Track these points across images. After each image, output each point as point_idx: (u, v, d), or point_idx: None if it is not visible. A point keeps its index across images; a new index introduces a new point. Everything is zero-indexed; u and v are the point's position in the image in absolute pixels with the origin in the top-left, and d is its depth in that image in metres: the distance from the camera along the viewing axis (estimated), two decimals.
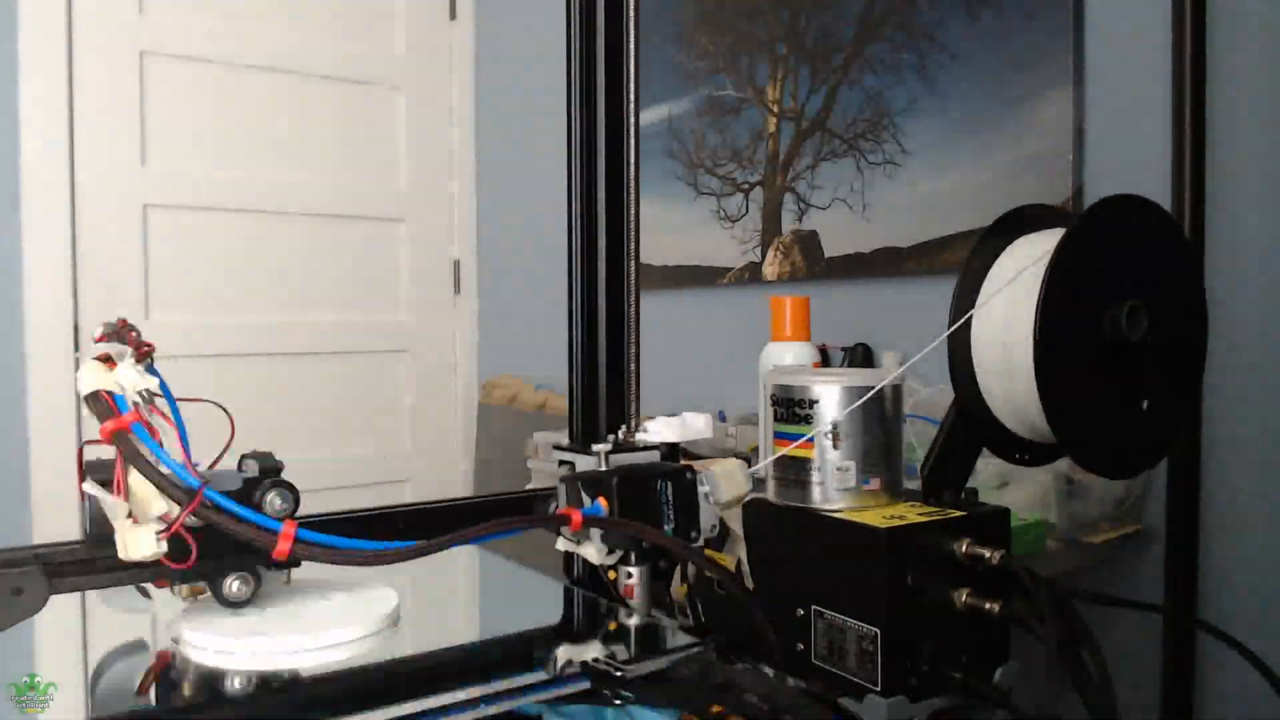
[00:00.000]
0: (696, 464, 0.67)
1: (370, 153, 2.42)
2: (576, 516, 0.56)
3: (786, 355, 1.02)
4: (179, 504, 0.48)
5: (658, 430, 0.66)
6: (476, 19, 2.57)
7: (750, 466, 0.67)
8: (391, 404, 2.45)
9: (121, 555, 0.49)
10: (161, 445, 0.49)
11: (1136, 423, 0.64)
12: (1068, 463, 0.62)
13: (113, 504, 0.49)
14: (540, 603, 0.69)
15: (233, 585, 0.54)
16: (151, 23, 2.09)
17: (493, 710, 0.48)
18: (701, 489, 0.65)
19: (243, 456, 0.56)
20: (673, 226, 1.89)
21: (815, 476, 0.64)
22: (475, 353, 2.59)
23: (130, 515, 0.49)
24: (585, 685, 0.51)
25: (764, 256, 1.72)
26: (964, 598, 0.60)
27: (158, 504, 0.49)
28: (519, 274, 2.44)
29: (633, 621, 0.62)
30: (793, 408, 0.64)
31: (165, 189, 2.10)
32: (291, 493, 0.54)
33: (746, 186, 1.76)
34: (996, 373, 0.64)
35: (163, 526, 0.49)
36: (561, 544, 0.63)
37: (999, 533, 0.63)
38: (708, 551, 0.67)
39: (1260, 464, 1.12)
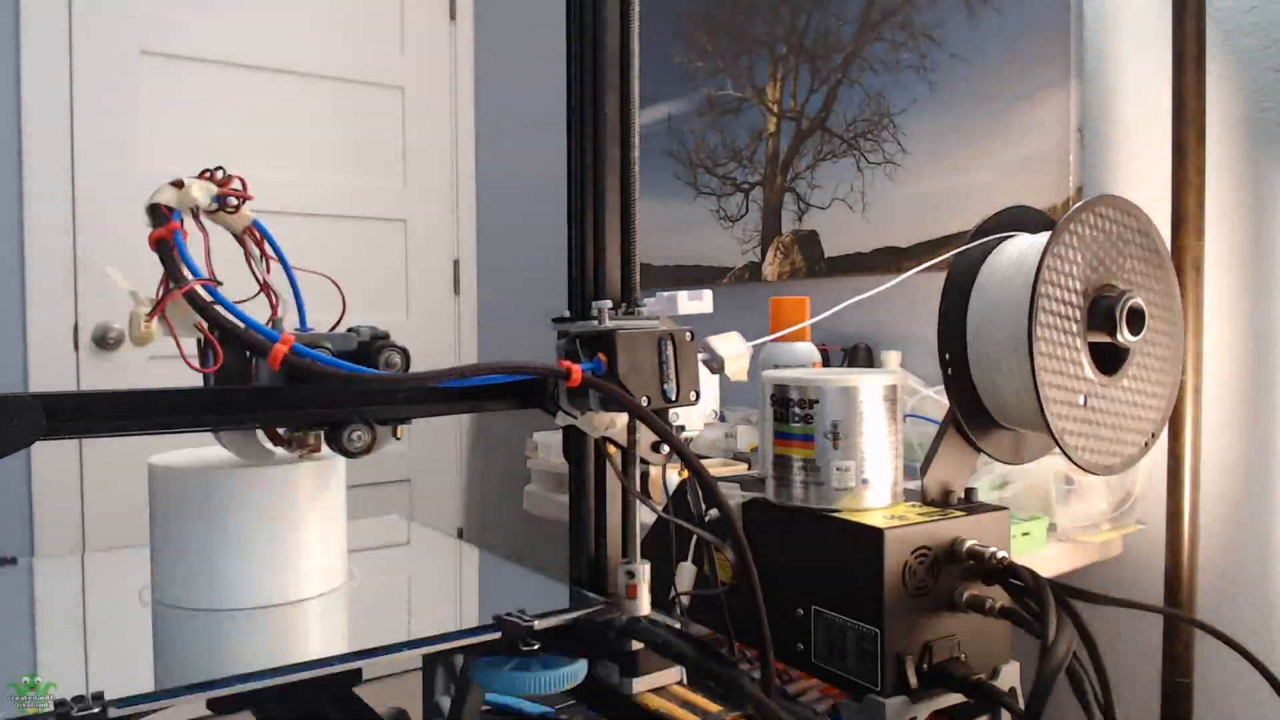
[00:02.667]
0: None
1: (370, 153, 2.42)
2: (577, 371, 0.55)
3: (787, 355, 1.02)
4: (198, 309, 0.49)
5: (657, 306, 0.64)
6: (476, 19, 2.57)
7: (750, 467, 0.67)
8: None
9: (135, 345, 0.51)
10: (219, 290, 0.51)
11: (1126, 417, 0.64)
12: (1068, 463, 0.62)
13: (130, 291, 0.51)
14: (540, 603, 0.69)
15: (353, 435, 0.57)
16: (151, 22, 2.09)
17: (415, 653, 0.54)
18: (700, 356, 0.63)
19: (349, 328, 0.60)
20: (673, 226, 1.89)
21: (815, 476, 0.64)
22: (475, 352, 2.59)
23: (150, 314, 0.51)
24: (495, 635, 0.55)
25: (764, 256, 1.72)
26: (964, 597, 0.60)
27: (195, 314, 0.51)
28: (519, 274, 2.44)
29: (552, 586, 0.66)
30: (792, 408, 0.64)
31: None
32: (403, 356, 0.58)
33: (746, 186, 1.76)
34: (991, 369, 0.64)
35: (198, 334, 0.52)
36: (561, 418, 0.62)
37: (999, 533, 0.63)
38: (718, 556, 0.67)
39: (1261, 464, 1.12)
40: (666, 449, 0.61)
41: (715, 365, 0.65)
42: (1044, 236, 0.61)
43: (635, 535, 0.65)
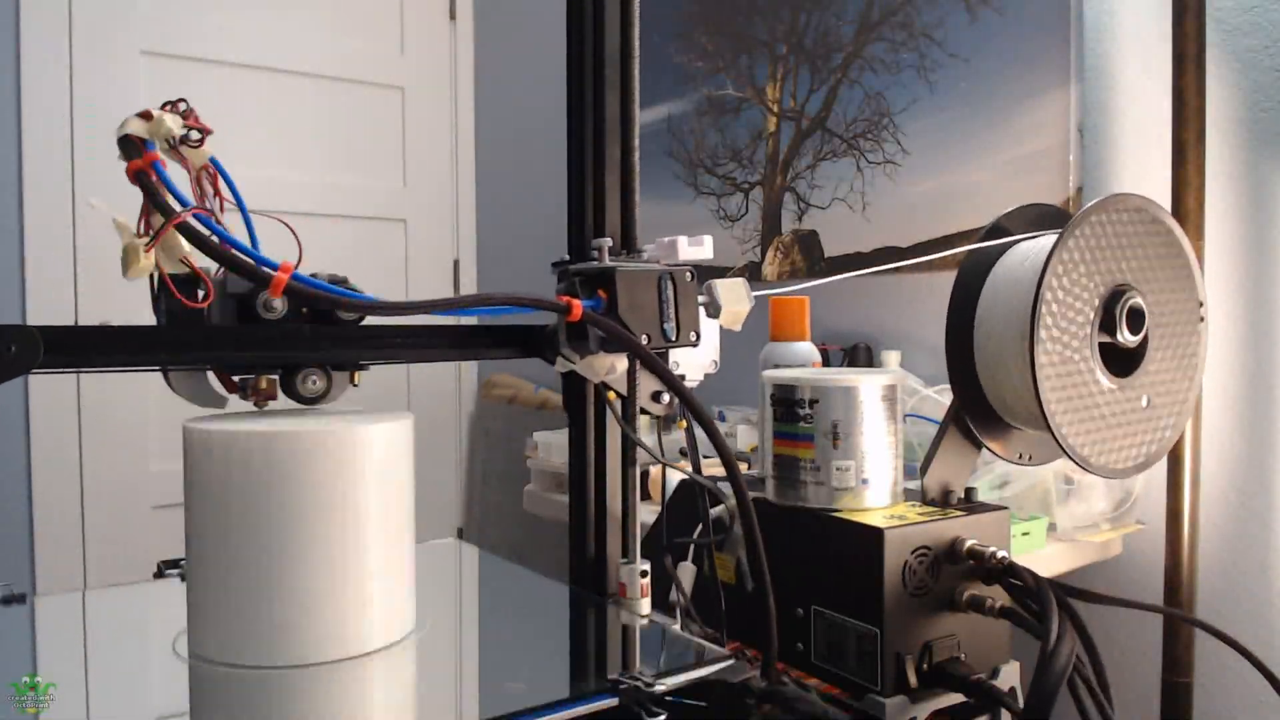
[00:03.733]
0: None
1: (370, 153, 2.42)
2: (577, 306, 0.55)
3: (787, 355, 1.02)
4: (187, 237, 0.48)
5: (657, 252, 0.63)
6: (476, 19, 2.57)
7: (750, 467, 0.67)
8: (391, 404, 2.44)
9: (124, 274, 0.50)
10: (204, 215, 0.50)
11: (1135, 421, 0.64)
12: (1068, 463, 0.61)
13: (123, 224, 0.50)
14: (541, 603, 0.69)
15: (309, 379, 0.55)
16: (151, 22, 2.09)
17: None
18: (700, 299, 0.63)
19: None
20: (673, 226, 1.89)
21: (815, 476, 0.64)
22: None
23: (140, 237, 0.50)
24: (612, 702, 0.47)
25: (764, 256, 1.72)
26: (964, 597, 0.60)
27: (182, 247, 0.50)
28: (519, 274, 2.44)
29: (642, 624, 0.60)
30: (793, 408, 0.64)
31: None
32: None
33: (746, 186, 1.76)
34: (996, 370, 0.64)
35: (186, 270, 0.51)
36: (561, 364, 0.62)
37: (999, 532, 0.63)
38: (718, 556, 0.67)
39: (1261, 464, 1.12)
40: (667, 398, 0.61)
41: (714, 310, 0.64)
42: (1055, 234, 0.61)
43: (635, 535, 0.65)
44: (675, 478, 0.77)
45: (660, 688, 0.48)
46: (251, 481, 0.51)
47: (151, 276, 0.53)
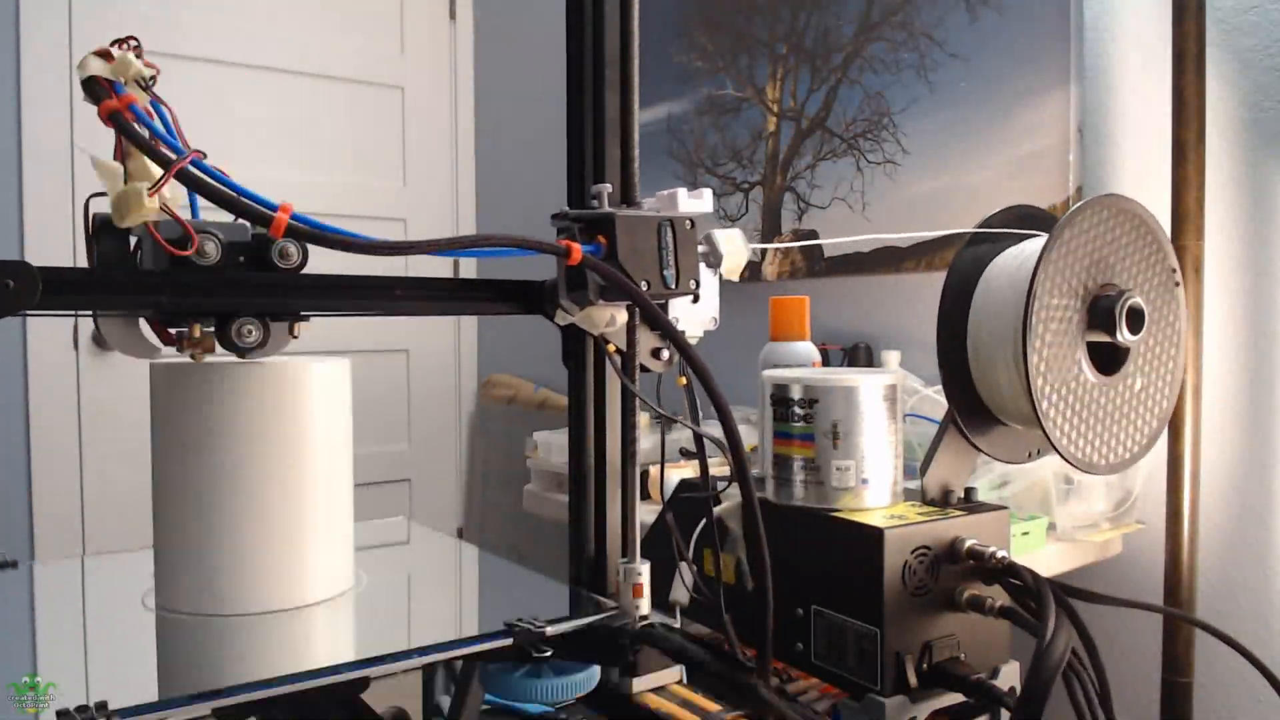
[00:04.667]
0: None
1: (370, 153, 2.42)
2: (576, 250, 0.54)
3: (786, 355, 1.02)
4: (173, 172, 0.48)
5: (656, 204, 0.63)
6: (476, 19, 2.57)
7: (750, 467, 0.67)
8: (391, 403, 2.45)
9: (117, 222, 0.51)
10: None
11: (1121, 418, 0.64)
12: (1067, 461, 0.62)
13: (114, 169, 0.50)
14: (541, 603, 0.69)
15: (244, 329, 0.56)
16: (151, 22, 2.09)
17: (424, 660, 0.54)
18: (699, 249, 0.62)
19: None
20: None
21: (815, 476, 0.64)
22: (475, 353, 2.59)
23: (128, 181, 0.50)
24: (506, 641, 0.54)
25: (764, 256, 1.72)
26: (964, 597, 0.60)
27: (164, 194, 0.50)
28: (519, 274, 2.44)
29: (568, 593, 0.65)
30: (792, 407, 0.64)
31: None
32: (299, 248, 0.56)
33: (746, 186, 1.76)
34: (990, 371, 0.64)
35: (164, 215, 0.51)
36: (560, 317, 0.61)
37: (999, 532, 0.63)
38: (721, 554, 0.67)
39: (1261, 464, 1.12)
40: (667, 355, 0.61)
41: (714, 260, 0.64)
42: (1046, 235, 0.61)
43: (635, 535, 0.65)
44: (675, 477, 0.77)
45: (550, 630, 0.55)
46: (201, 412, 0.58)
47: (88, 229, 0.55)
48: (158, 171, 0.50)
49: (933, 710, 0.59)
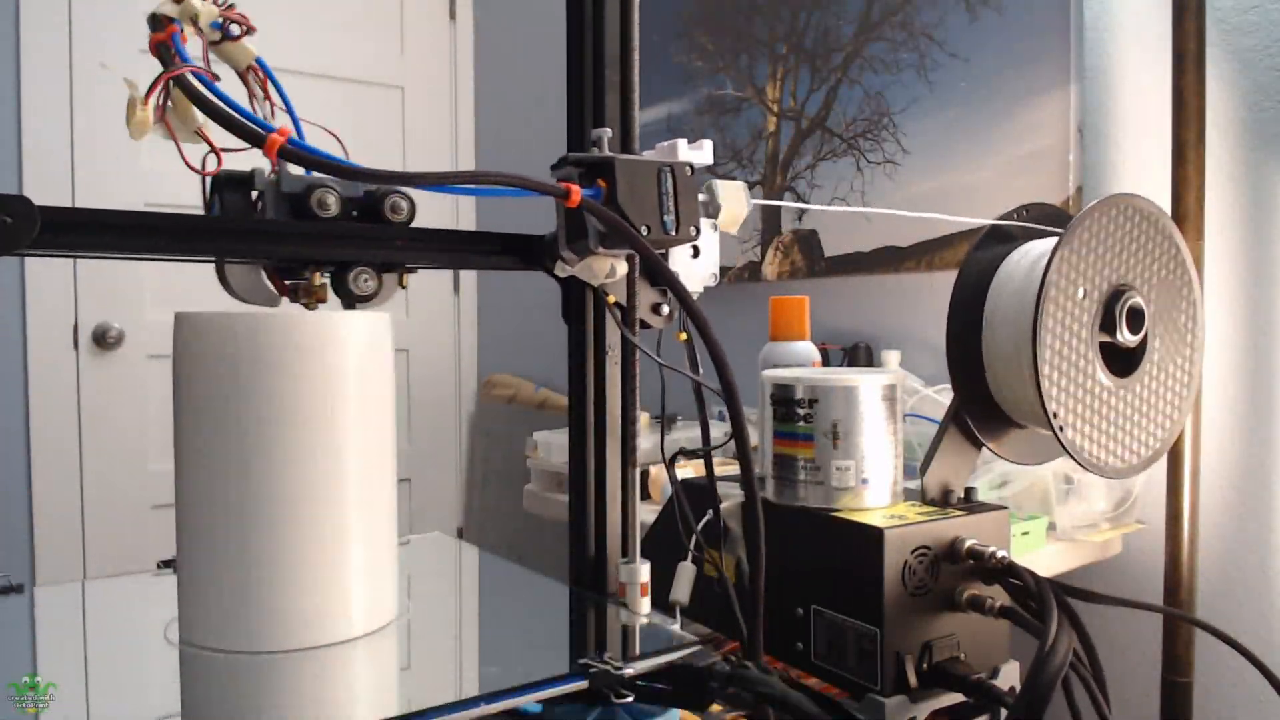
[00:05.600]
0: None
1: (370, 152, 2.41)
2: (576, 191, 0.54)
3: (786, 355, 1.02)
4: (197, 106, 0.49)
5: (655, 155, 0.63)
6: (476, 19, 2.57)
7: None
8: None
9: (132, 136, 0.51)
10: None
11: (1135, 420, 0.64)
12: (1068, 462, 0.62)
13: (130, 81, 0.51)
14: (541, 604, 0.69)
15: (361, 278, 0.57)
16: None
17: (491, 709, 0.47)
18: (700, 198, 0.62)
19: None
20: None
21: (815, 476, 0.64)
22: (475, 353, 2.59)
23: (145, 97, 0.51)
24: (581, 684, 0.50)
25: (764, 256, 1.72)
26: (964, 597, 0.60)
27: (196, 118, 0.51)
28: (519, 274, 2.44)
29: (636, 621, 0.61)
30: (792, 407, 0.64)
31: (165, 188, 2.10)
32: (409, 203, 0.58)
33: (746, 186, 1.76)
34: (1002, 370, 0.64)
35: (199, 139, 0.53)
36: (560, 269, 0.61)
37: (999, 532, 0.63)
38: (717, 556, 0.67)
39: (1261, 464, 1.12)
40: (667, 309, 0.61)
41: (712, 209, 0.63)
42: (1058, 233, 0.61)
43: (635, 535, 0.65)
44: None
45: (628, 671, 0.50)
46: (231, 367, 0.53)
47: (203, 184, 0.56)
48: (197, 114, 0.51)
49: (933, 710, 0.59)
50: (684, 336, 0.61)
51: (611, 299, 0.61)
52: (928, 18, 1.43)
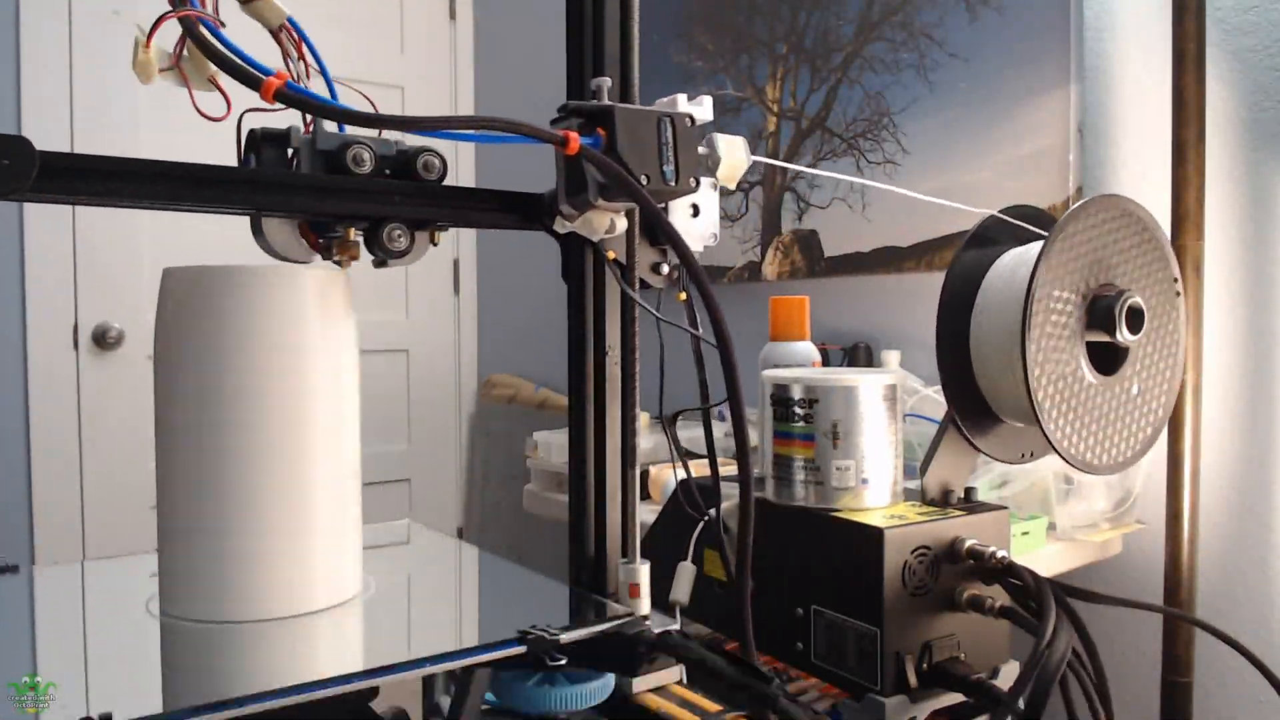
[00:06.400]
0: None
1: None
2: (574, 139, 0.53)
3: (786, 355, 1.02)
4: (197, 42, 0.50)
5: (655, 108, 0.63)
6: (476, 19, 2.57)
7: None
8: (391, 403, 2.45)
9: (139, 79, 0.53)
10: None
11: (1121, 418, 0.64)
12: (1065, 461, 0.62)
13: (140, 29, 0.52)
14: (541, 604, 0.69)
15: (394, 233, 0.58)
16: (151, 22, 2.09)
17: (435, 669, 0.52)
18: (700, 150, 0.61)
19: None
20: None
21: (815, 476, 0.64)
22: (475, 352, 2.59)
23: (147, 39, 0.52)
24: (519, 649, 0.53)
25: (764, 256, 1.72)
26: (964, 597, 0.60)
27: (209, 66, 0.52)
28: (519, 274, 2.44)
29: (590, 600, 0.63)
30: (792, 407, 0.64)
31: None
32: (441, 162, 0.59)
33: (746, 186, 1.76)
34: (992, 370, 0.64)
35: (212, 87, 0.54)
36: (560, 225, 0.61)
37: (999, 532, 0.63)
38: (708, 550, 0.67)
39: (1261, 464, 1.12)
40: (666, 269, 0.61)
41: (712, 162, 0.63)
42: (1048, 234, 0.61)
43: (635, 535, 0.65)
44: (673, 478, 0.77)
45: (564, 638, 0.54)
46: (205, 315, 0.59)
47: (239, 148, 0.58)
48: (210, 65, 0.51)
49: (933, 710, 0.59)
50: (684, 296, 0.61)
51: (611, 254, 0.61)
52: (928, 18, 1.43)
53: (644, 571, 0.62)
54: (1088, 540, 1.09)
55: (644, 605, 0.62)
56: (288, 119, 0.54)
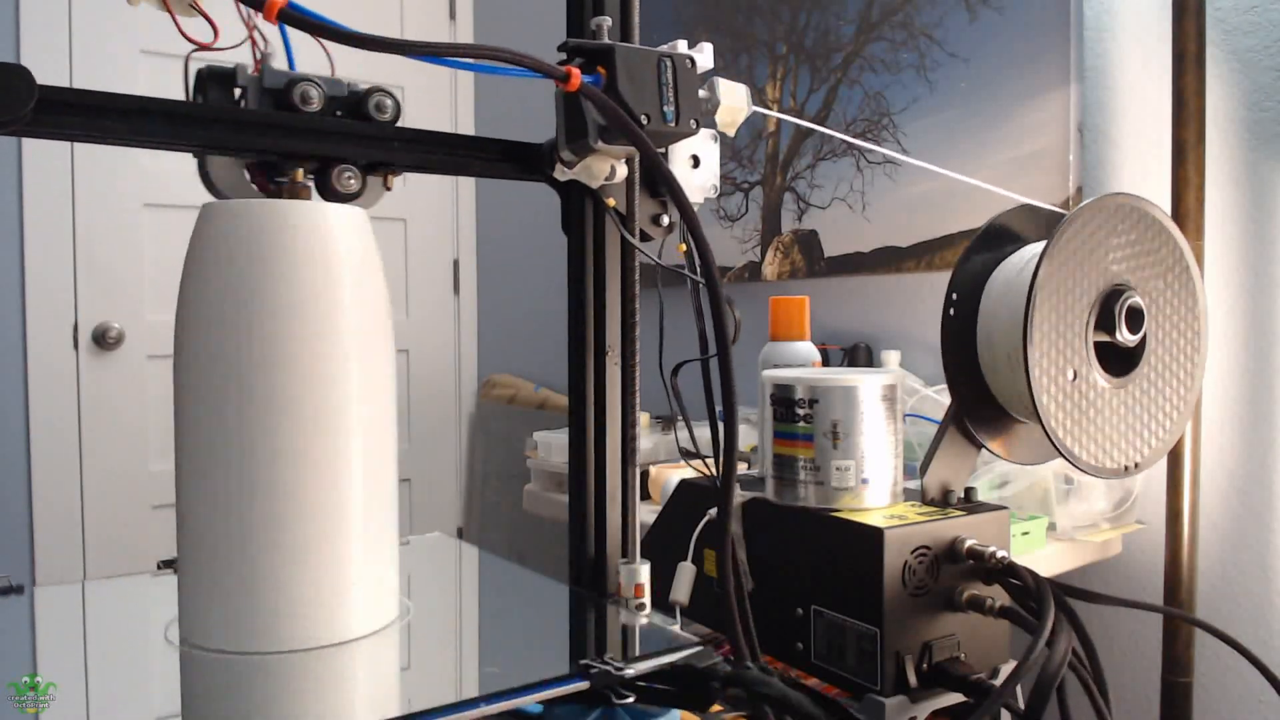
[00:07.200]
0: None
1: None
2: (575, 74, 0.52)
3: (786, 355, 1.02)
4: None
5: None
6: (476, 19, 2.57)
7: (750, 467, 0.67)
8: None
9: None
10: None
11: (1131, 422, 0.64)
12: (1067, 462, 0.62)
13: None
14: (541, 604, 0.69)
15: (344, 175, 0.57)
16: (151, 22, 2.09)
17: (491, 710, 0.47)
18: (700, 94, 0.60)
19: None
20: None
21: (815, 476, 0.64)
22: (475, 352, 2.59)
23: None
24: (583, 685, 0.49)
25: (764, 256, 1.72)
26: (964, 597, 0.60)
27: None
28: (519, 274, 2.44)
29: (638, 622, 0.61)
30: (792, 407, 0.64)
31: (165, 188, 2.10)
32: (394, 101, 0.58)
33: (746, 186, 1.76)
34: (999, 369, 0.64)
35: (194, 13, 0.53)
36: (560, 172, 0.60)
37: (999, 532, 0.63)
38: (708, 552, 0.67)
39: (1261, 464, 1.12)
40: (666, 220, 0.60)
41: (710, 105, 0.62)
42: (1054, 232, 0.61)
43: (635, 535, 0.65)
44: (675, 477, 0.77)
45: (629, 672, 0.50)
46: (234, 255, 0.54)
47: (187, 89, 0.56)
48: None
49: (933, 710, 0.59)
50: (684, 248, 0.61)
51: (611, 202, 0.60)
52: (928, 18, 1.43)
53: (644, 571, 0.62)
54: (1088, 540, 1.09)
55: (644, 605, 0.62)
56: (235, 59, 0.54)
